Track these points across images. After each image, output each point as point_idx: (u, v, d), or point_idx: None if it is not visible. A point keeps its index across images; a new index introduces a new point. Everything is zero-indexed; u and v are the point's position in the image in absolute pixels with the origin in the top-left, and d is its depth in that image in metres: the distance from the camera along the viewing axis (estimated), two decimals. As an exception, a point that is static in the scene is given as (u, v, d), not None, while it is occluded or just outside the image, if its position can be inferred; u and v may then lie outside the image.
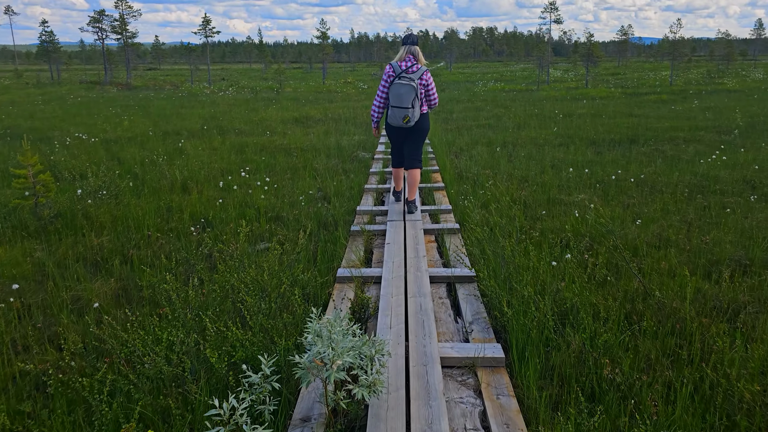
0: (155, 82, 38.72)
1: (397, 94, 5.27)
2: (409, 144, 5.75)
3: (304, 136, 13.22)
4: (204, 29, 38.07)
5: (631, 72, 48.90)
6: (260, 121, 16.00)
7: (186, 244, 5.30)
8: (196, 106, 21.37)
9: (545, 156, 10.08)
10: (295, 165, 9.64)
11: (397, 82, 5.28)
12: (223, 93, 29.56)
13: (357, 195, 7.39)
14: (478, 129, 14.34)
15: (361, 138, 13.04)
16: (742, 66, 52.98)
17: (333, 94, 28.70)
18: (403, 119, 5.31)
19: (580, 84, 32.68)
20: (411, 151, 5.77)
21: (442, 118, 17.25)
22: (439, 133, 13.32)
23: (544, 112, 17.50)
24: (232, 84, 38.77)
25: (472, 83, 37.48)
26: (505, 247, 4.10)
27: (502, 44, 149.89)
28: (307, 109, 20.12)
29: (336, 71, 70.79)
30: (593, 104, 20.11)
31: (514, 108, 19.37)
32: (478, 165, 9.28)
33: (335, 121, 16.42)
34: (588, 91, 25.63)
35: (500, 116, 16.85)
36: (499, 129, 14.12)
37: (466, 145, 11.72)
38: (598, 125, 14.11)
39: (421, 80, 5.35)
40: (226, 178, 8.29)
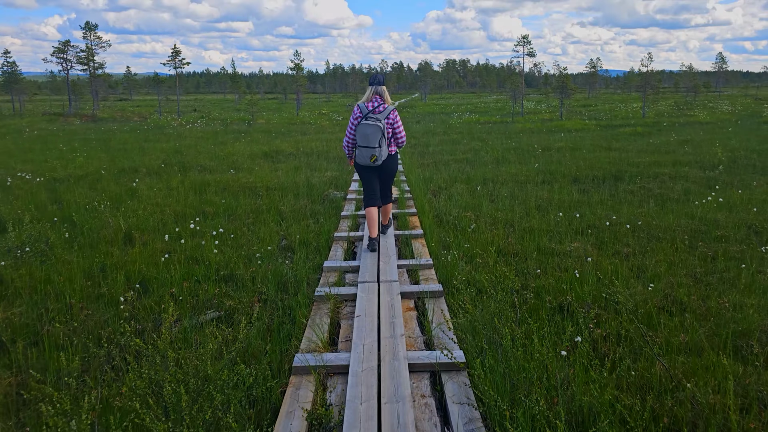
0: (122, 114, 37.62)
1: (363, 134, 5.37)
2: (381, 185, 5.91)
3: (272, 172, 12.41)
4: (174, 60, 37.24)
5: (601, 104, 49.51)
6: (227, 157, 15.15)
7: (113, 317, 4.40)
8: (161, 140, 20.43)
9: (529, 195, 9.43)
10: (259, 207, 8.80)
11: (363, 123, 5.37)
12: (191, 125, 28.66)
13: (325, 245, 6.57)
14: (456, 164, 13.72)
15: (334, 174, 12.29)
16: (708, 98, 54.16)
17: (306, 126, 28.04)
18: (370, 158, 5.41)
19: (554, 116, 32.65)
20: (384, 190, 5.97)
21: (418, 152, 16.64)
22: (416, 169, 12.65)
23: (522, 146, 17.03)
24: (203, 115, 37.90)
25: (447, 115, 37.29)
26: (503, 335, 3.30)
27: (475, 76, 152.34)
28: (278, 142, 19.35)
29: (311, 102, 70.52)
30: (570, 137, 19.77)
31: (491, 141, 18.90)
32: (458, 206, 8.57)
33: (307, 156, 15.67)
34: (563, 124, 25.45)
35: (478, 150, 16.30)
36: (478, 164, 13.52)
37: (445, 182, 11.05)
38: (578, 160, 13.62)
39: (388, 119, 5.48)
40: (180, 225, 7.40)
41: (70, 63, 39.15)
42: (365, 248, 5.82)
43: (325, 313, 4.42)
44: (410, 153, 16.35)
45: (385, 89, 5.57)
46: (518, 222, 7.53)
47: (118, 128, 26.86)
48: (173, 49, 36.86)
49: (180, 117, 34.64)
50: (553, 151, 15.65)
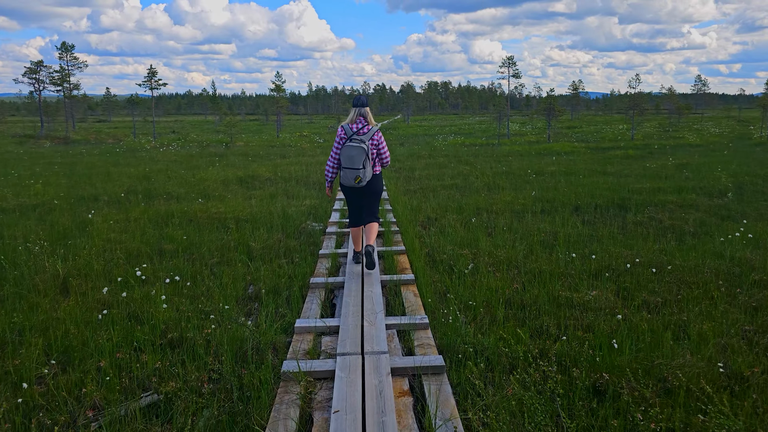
0: (96, 136, 36.32)
1: (348, 156, 5.34)
2: (366, 205, 5.78)
3: (245, 201, 11.37)
4: (150, 81, 36.05)
5: (586, 125, 49.38)
6: (198, 183, 14.07)
7: (12, 409, 3.32)
8: (131, 164, 19.27)
9: (529, 228, 8.51)
10: (226, 243, 7.75)
11: (348, 145, 5.35)
12: (166, 148, 27.51)
13: (299, 294, 5.55)
14: (445, 191, 12.81)
15: (313, 203, 11.29)
16: (691, 120, 54.38)
17: (286, 149, 27.06)
18: (354, 179, 5.38)
19: (540, 138, 32.14)
20: (368, 209, 5.81)
21: (404, 176, 15.72)
22: (402, 197, 11.70)
23: (513, 170, 16.21)
24: (180, 137, 36.77)
25: (432, 137, 36.64)
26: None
27: (457, 97, 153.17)
28: (256, 166, 18.31)
29: (293, 123, 69.76)
30: (562, 161, 19.04)
31: (480, 165, 18.07)
32: (452, 242, 7.61)
33: (285, 181, 14.66)
34: (552, 146, 24.82)
35: (467, 175, 15.44)
36: (469, 191, 12.63)
37: (435, 211, 10.10)
38: (575, 186, 12.79)
39: (372, 140, 5.47)
40: (132, 267, 6.32)
41: (43, 83, 37.76)
42: (350, 260, 6.17)
43: (293, 401, 3.38)
44: (395, 178, 15.43)
45: (368, 110, 5.61)
46: (523, 262, 6.57)
47: (88, 151, 25.61)
48: (149, 70, 35.62)
49: (155, 139, 33.44)
50: (547, 176, 14.83)
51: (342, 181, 5.56)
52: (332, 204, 10.88)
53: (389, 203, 10.83)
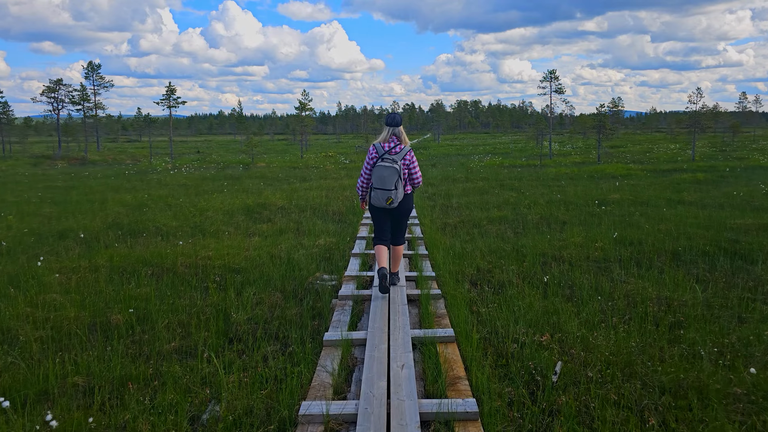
0: (116, 157, 34.99)
1: (380, 176, 5.17)
2: (393, 224, 5.63)
3: (245, 239, 9.17)
4: (168, 99, 34.51)
5: (631, 144, 46.26)
6: (199, 213, 11.96)
7: None
8: (135, 188, 17.40)
9: (627, 291, 6.04)
10: (199, 311, 5.51)
11: (380, 165, 5.17)
12: (179, 170, 25.72)
13: (288, 420, 3.25)
14: (493, 225, 10.40)
15: (329, 242, 9.03)
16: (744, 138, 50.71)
17: (309, 171, 25.00)
18: (386, 201, 5.20)
19: (587, 158, 29.40)
20: (396, 229, 5.67)
21: (440, 205, 13.34)
22: (441, 236, 9.33)
23: (569, 198, 13.69)
24: (200, 158, 35.20)
25: (465, 157, 34.25)
26: None
27: (488, 116, 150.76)
28: (270, 191, 16.18)
29: (320, 143, 68.30)
30: (624, 186, 16.39)
31: (528, 191, 15.59)
32: (521, 317, 5.20)
33: (299, 211, 12.46)
34: (603, 168, 22.13)
35: (515, 204, 12.98)
36: (523, 227, 10.19)
37: (485, 259, 7.71)
38: (657, 221, 10.25)
39: (404, 161, 5.28)
40: (49, 359, 4.11)
41: (62, 103, 36.64)
42: (375, 284, 5.81)
43: None
44: (429, 207, 13.06)
45: (402, 130, 5.41)
46: (644, 367, 4.11)
47: (100, 173, 23.99)
48: (168, 87, 34.08)
49: (172, 160, 31.84)
50: (614, 206, 12.27)
51: (372, 201, 5.36)
52: (352, 245, 8.59)
53: (424, 244, 8.46)
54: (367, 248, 8.19)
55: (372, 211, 5.55)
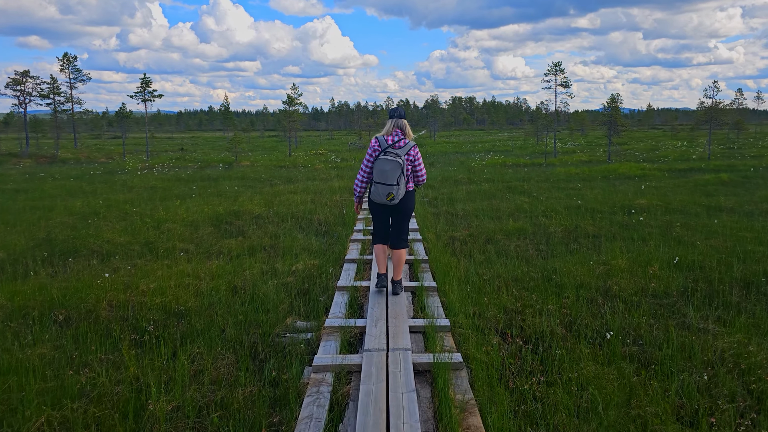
0: (89, 155, 32.85)
1: (381, 170, 4.88)
2: (393, 223, 5.24)
3: (201, 263, 7.30)
4: (142, 92, 32.15)
5: (634, 142, 44.56)
6: (157, 225, 10.05)
7: None
8: (96, 192, 15.45)
9: (718, 352, 4.25)
10: (96, 398, 3.66)
11: (382, 158, 4.89)
12: (149, 170, 23.69)
13: None
14: (510, 241, 8.59)
15: (311, 264, 7.20)
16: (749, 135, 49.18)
17: (296, 171, 23.07)
18: (387, 196, 4.90)
19: (594, 157, 27.62)
20: (396, 230, 5.24)
21: (444, 213, 11.49)
22: (450, 256, 7.48)
23: (590, 203, 11.88)
24: (182, 156, 33.16)
25: (465, 155, 32.42)
26: None
27: (483, 113, 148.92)
28: (248, 195, 14.27)
29: (312, 140, 66.26)
30: (648, 189, 14.60)
31: (540, 194, 13.78)
32: (592, 415, 3.37)
33: (279, 221, 10.60)
34: (616, 168, 20.33)
35: (530, 212, 11.15)
36: (548, 244, 8.38)
37: (509, 289, 5.89)
38: (704, 234, 8.51)
39: (408, 156, 5.00)
40: None
41: (30, 96, 34.25)
42: (373, 289, 5.43)
43: None
44: (432, 215, 11.22)
45: (406, 123, 5.13)
46: None
47: (63, 173, 21.95)
48: (142, 79, 31.72)
49: (148, 159, 29.77)
50: (645, 215, 10.47)
51: (372, 196, 5.02)
52: (338, 270, 6.75)
53: (430, 270, 6.63)
54: (358, 279, 6.37)
55: (371, 208, 5.26)
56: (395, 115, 5.08)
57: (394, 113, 5.10)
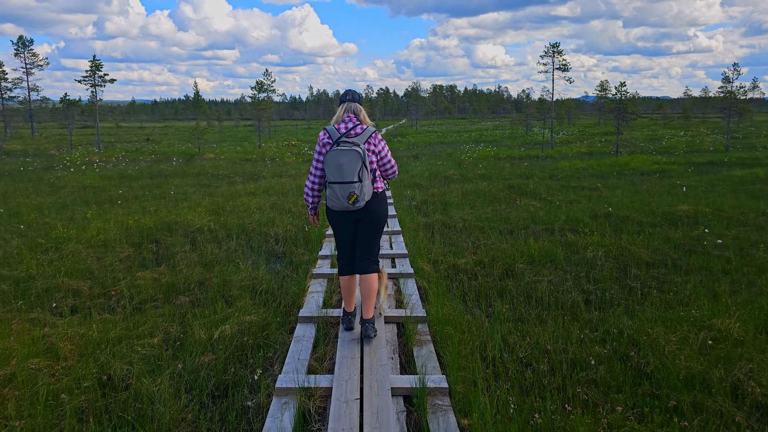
0: (39, 146, 29.61)
1: (336, 165, 3.74)
2: (360, 239, 4.08)
3: (76, 326, 4.67)
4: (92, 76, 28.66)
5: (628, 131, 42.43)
6: (55, 246, 7.37)
7: None
8: (15, 192, 12.67)
9: None
10: None
11: (335, 150, 3.76)
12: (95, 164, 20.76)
13: None
14: (536, 273, 6.12)
15: (246, 324, 4.66)
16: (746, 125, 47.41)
17: (263, 165, 20.33)
18: (348, 198, 3.76)
19: (593, 148, 25.27)
20: (363, 248, 4.09)
21: (438, 223, 8.94)
22: (455, 303, 4.98)
23: (622, 211, 9.46)
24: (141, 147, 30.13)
25: (451, 146, 29.92)
26: None
27: (464, 101, 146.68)
28: (194, 200, 11.60)
29: (289, 129, 63.28)
30: (678, 189, 12.24)
31: (552, 196, 11.32)
32: None
33: (224, 238, 8.01)
34: (627, 162, 17.95)
35: (549, 222, 8.68)
36: (595, 281, 5.90)
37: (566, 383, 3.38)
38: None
39: (369, 145, 3.91)
40: None
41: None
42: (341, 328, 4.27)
43: None
44: (423, 229, 8.69)
45: (361, 107, 4.03)
46: None
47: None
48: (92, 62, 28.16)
49: (99, 151, 26.67)
50: (702, 229, 8.05)
51: (329, 203, 3.89)
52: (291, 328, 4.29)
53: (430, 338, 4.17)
54: (316, 363, 3.88)
55: (331, 221, 4.07)
56: (347, 99, 4.06)
57: (345, 97, 4.09)
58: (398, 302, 5.15)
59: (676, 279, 5.84)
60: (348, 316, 4.28)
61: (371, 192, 3.89)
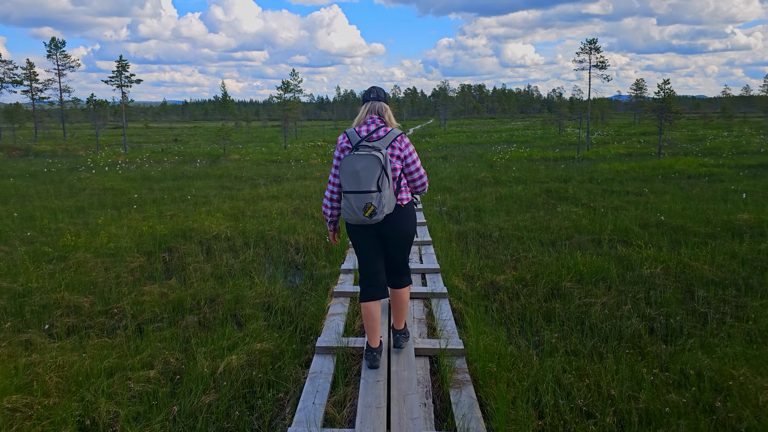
0: (68, 147, 29.78)
1: (351, 172, 3.20)
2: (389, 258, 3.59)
3: (70, 353, 4.13)
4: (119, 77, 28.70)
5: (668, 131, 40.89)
6: (62, 256, 6.93)
7: None
8: (36, 194, 12.43)
9: None
10: None
11: (351, 155, 3.24)
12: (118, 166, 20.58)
13: None
14: (586, 293, 5.40)
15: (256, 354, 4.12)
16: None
17: (287, 166, 19.87)
18: (364, 211, 3.22)
19: (631, 149, 24.15)
20: (394, 266, 3.63)
21: (472, 232, 8.24)
22: (496, 331, 4.29)
23: (675, 220, 8.61)
24: (168, 148, 30.07)
25: (480, 146, 29.09)
26: None
27: (493, 101, 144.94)
28: (214, 205, 11.14)
29: (315, 129, 63.13)
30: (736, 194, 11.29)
31: (594, 202, 10.50)
32: None
33: (242, 246, 7.48)
34: (671, 164, 16.92)
35: (595, 232, 7.89)
36: (656, 305, 5.16)
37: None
38: None
39: (393, 149, 3.35)
40: None
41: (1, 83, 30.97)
42: (364, 364, 3.62)
43: None
44: (456, 239, 8.00)
45: (386, 107, 3.50)
46: None
47: (21, 168, 18.93)
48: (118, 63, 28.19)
49: (126, 152, 26.62)
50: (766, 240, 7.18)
51: (344, 215, 3.35)
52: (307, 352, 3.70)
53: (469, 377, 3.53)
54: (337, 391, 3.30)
55: (350, 236, 3.52)
56: (370, 98, 3.55)
57: (369, 95, 3.58)
58: (430, 328, 4.50)
59: (752, 303, 5.05)
60: (372, 352, 3.62)
61: (393, 204, 3.34)
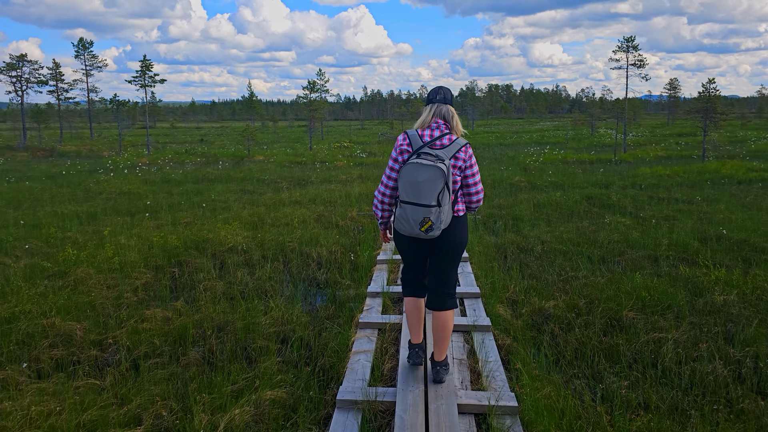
0: (93, 147, 29.73)
1: (412, 183, 2.95)
2: (433, 268, 3.29)
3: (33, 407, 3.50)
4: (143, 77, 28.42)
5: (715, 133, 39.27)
6: (63, 272, 6.37)
7: None
8: (51, 198, 12.06)
9: None
10: None
11: (414, 162, 2.96)
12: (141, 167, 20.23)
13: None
14: (652, 325, 4.58)
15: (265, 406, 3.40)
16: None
17: (313, 168, 19.27)
18: (421, 225, 2.98)
19: (670, 151, 22.96)
20: (438, 279, 3.28)
21: (511, 246, 7.47)
22: (556, 386, 3.53)
23: (733, 233, 7.70)
24: (192, 149, 29.81)
25: (511, 148, 28.14)
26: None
27: (521, 101, 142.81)
28: (234, 211, 10.56)
29: (342, 129, 62.61)
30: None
31: (642, 211, 9.61)
32: None
33: (260, 261, 6.84)
34: (717, 168, 15.79)
35: (649, 247, 7.04)
36: (737, 344, 4.32)
37: None
38: None
39: (456, 160, 3.08)
40: None
41: (26, 83, 31.03)
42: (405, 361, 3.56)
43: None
44: (495, 253, 7.24)
45: (454, 112, 3.23)
46: None
47: (43, 169, 18.72)
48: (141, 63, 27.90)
49: (149, 153, 26.37)
50: None
51: (398, 225, 3.09)
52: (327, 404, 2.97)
53: None
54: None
55: (398, 242, 3.30)
56: (437, 99, 3.18)
57: (435, 96, 3.19)
58: (473, 373, 3.76)
59: None
60: (415, 348, 3.48)
61: (450, 218, 3.07)
